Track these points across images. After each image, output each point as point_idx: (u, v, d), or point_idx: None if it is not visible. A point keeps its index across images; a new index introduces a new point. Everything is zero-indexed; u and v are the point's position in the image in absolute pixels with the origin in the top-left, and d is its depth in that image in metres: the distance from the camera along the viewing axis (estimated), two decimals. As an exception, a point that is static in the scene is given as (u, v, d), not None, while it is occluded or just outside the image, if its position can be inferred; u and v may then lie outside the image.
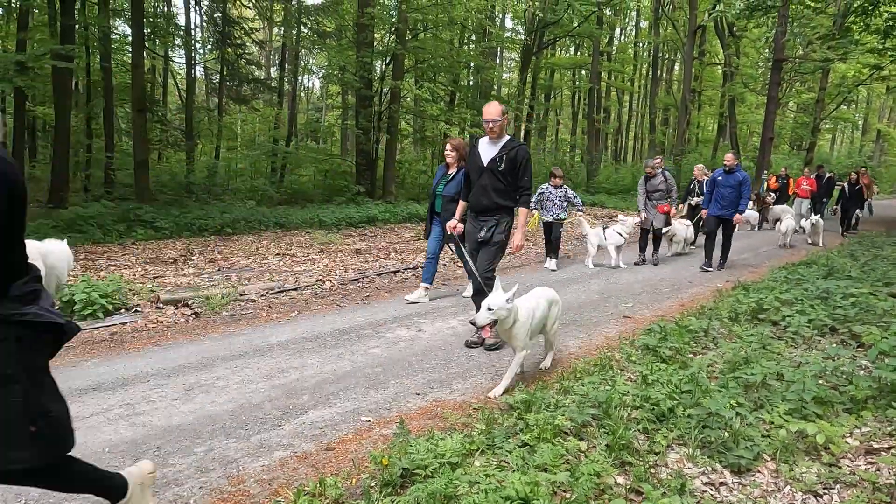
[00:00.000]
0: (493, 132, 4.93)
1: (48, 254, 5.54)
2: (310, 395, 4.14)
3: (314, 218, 14.35)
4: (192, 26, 19.44)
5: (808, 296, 6.70)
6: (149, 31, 17.03)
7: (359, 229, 14.32)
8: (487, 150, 5.03)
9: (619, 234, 9.78)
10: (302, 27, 19.83)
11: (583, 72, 34.13)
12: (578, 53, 35.44)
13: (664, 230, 10.29)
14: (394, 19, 19.55)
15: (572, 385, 4.08)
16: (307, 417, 3.77)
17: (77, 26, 14.01)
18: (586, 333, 5.87)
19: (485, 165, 4.98)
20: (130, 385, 4.26)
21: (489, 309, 3.93)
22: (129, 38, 14.69)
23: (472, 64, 23.37)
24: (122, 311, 6.32)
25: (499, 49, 28.77)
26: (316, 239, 12.09)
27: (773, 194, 16.71)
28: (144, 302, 6.67)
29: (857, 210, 15.95)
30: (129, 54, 14.47)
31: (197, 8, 18.95)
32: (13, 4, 15.59)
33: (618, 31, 38.19)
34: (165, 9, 20.22)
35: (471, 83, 25.32)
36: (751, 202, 16.42)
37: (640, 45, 38.54)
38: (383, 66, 20.27)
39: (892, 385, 3.96)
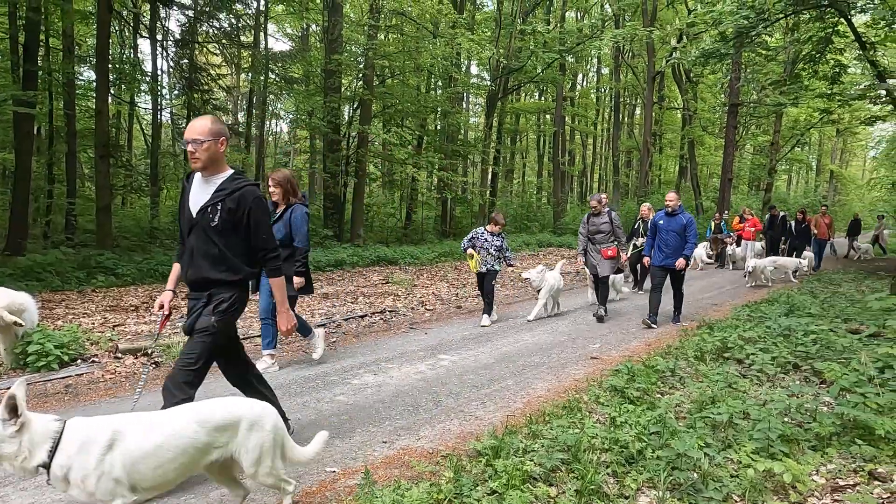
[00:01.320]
0: (195, 160, 3.21)
1: (26, 302, 5.75)
2: (273, 446, 4.00)
3: (281, 262, 14.16)
4: (159, 72, 19.41)
5: (771, 333, 6.84)
6: (114, 76, 16.98)
7: (326, 273, 14.19)
8: (198, 194, 3.31)
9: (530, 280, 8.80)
10: (269, 73, 20.00)
11: (547, 116, 35.09)
12: (542, 98, 36.40)
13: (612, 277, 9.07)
14: (361, 66, 19.86)
15: (541, 429, 4.04)
16: (270, 470, 3.63)
17: (41, 72, 13.89)
18: (554, 375, 5.86)
19: (194, 216, 3.28)
20: (84, 440, 4.07)
21: None
22: (94, 84, 14.59)
23: (438, 109, 23.77)
24: (79, 361, 6.10)
25: (465, 94, 29.36)
26: (283, 283, 11.90)
27: (732, 234, 17.03)
28: (102, 352, 6.45)
29: (809, 249, 16.29)
30: (94, 100, 14.35)
31: (164, 54, 18.97)
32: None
33: (580, 77, 39.53)
34: (132, 55, 20.18)
35: (438, 127, 25.71)
36: (707, 244, 16.81)
37: (602, 90, 39.80)
38: (351, 111, 20.49)
39: (854, 421, 4.02)
